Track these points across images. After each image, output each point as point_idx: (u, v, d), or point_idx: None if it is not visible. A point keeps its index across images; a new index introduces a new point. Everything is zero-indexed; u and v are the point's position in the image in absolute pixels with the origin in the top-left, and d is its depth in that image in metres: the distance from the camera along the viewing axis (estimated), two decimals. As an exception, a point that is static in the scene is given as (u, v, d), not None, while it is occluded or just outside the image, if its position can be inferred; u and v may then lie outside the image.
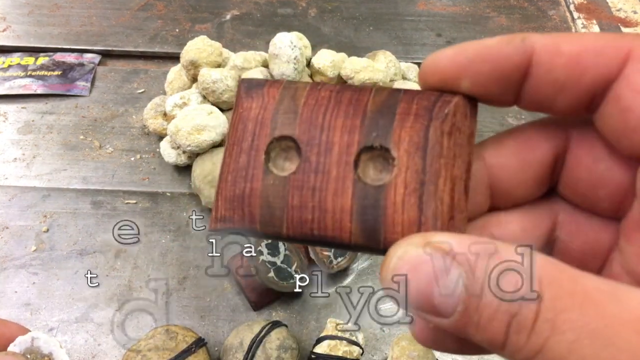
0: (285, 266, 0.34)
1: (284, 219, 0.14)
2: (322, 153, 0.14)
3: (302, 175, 0.14)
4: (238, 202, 0.14)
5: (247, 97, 0.15)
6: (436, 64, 0.13)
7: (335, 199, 0.14)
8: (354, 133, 0.14)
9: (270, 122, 0.14)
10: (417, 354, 0.30)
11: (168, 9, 0.55)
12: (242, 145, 0.15)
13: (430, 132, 0.13)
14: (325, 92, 0.15)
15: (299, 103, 0.14)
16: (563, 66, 0.12)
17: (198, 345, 0.30)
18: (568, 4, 0.58)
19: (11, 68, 0.48)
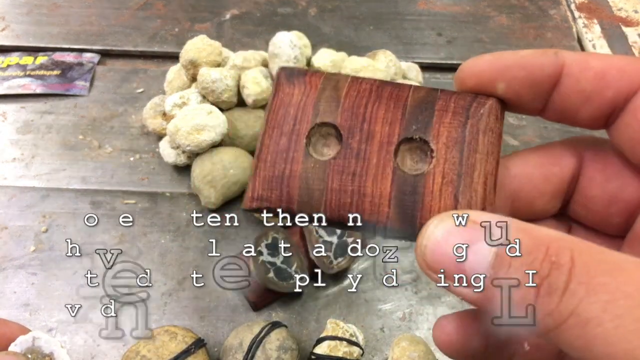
0: (285, 266, 0.34)
1: (322, 201, 0.15)
2: (363, 141, 0.15)
3: (343, 160, 0.15)
4: (277, 183, 0.15)
5: (289, 83, 0.16)
6: (475, 66, 0.15)
7: (375, 184, 0.14)
8: (395, 125, 0.15)
9: (312, 108, 0.15)
10: (418, 355, 0.30)
11: (167, 8, 0.55)
12: (282, 129, 0.15)
13: (467, 128, 0.15)
14: (367, 85, 0.15)
15: (340, 93, 0.15)
16: (590, 78, 0.14)
17: (198, 345, 0.30)
18: (569, 4, 0.58)
19: (10, 68, 0.48)
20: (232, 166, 0.38)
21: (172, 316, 0.34)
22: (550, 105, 0.15)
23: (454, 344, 0.15)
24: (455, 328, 0.15)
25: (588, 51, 0.15)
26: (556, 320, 0.11)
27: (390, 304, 0.35)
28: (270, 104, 0.16)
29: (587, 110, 0.14)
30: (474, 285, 0.12)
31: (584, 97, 0.14)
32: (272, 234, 0.35)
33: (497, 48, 0.53)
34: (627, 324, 0.10)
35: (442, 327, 0.15)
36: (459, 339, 0.15)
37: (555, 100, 0.14)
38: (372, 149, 0.15)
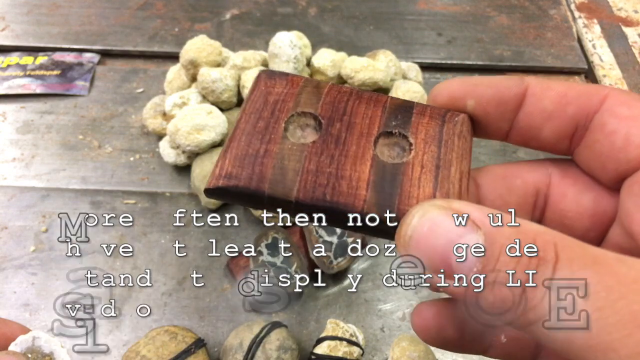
0: (285, 266, 0.34)
1: (296, 181, 0.14)
2: (343, 130, 0.15)
3: (322, 144, 0.15)
4: (249, 160, 0.14)
5: (270, 79, 0.16)
6: (447, 85, 0.16)
7: (353, 167, 0.14)
8: (375, 119, 0.15)
9: (293, 99, 0.15)
10: (418, 355, 0.30)
11: (167, 8, 0.55)
12: (261, 114, 0.15)
13: (444, 130, 0.15)
14: (346, 89, 0.16)
15: (322, 91, 0.16)
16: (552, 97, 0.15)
17: (198, 345, 0.30)
18: (569, 3, 0.58)
19: (10, 68, 0.48)
20: (232, 166, 0.38)
21: (172, 316, 0.34)
22: (515, 126, 0.15)
23: (430, 330, 0.15)
24: (432, 315, 0.16)
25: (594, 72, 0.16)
26: (538, 315, 0.11)
27: (390, 304, 0.35)
28: (248, 96, 0.16)
29: (550, 129, 0.15)
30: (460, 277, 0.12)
31: (546, 115, 0.15)
32: (272, 234, 0.35)
33: (497, 48, 0.53)
34: (607, 316, 0.10)
35: (420, 312, 0.16)
36: (435, 325, 0.15)
37: (519, 121, 0.15)
38: (352, 138, 0.15)
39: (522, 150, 0.45)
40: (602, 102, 0.14)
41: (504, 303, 0.11)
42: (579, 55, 0.53)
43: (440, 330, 0.15)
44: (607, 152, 0.14)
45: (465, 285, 0.12)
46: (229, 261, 0.36)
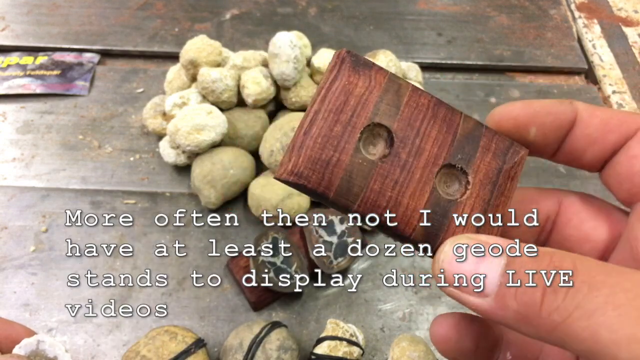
0: (285, 266, 0.34)
1: (359, 196, 0.15)
2: (412, 154, 0.16)
3: (390, 166, 0.16)
4: (321, 166, 0.15)
5: (354, 71, 0.16)
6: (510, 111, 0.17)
7: (412, 196, 0.16)
8: (444, 148, 0.16)
9: (373, 106, 0.16)
10: (418, 355, 0.30)
11: (167, 8, 0.55)
12: (339, 116, 0.16)
13: (502, 172, 0.16)
14: (425, 99, 0.16)
15: (402, 100, 0.16)
16: (596, 125, 0.16)
17: (198, 345, 0.30)
18: (569, 3, 0.58)
19: (10, 68, 0.48)
20: (232, 166, 0.38)
21: (172, 316, 0.34)
22: (562, 148, 0.17)
23: (449, 342, 0.17)
24: (451, 327, 0.17)
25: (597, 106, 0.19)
26: (562, 315, 0.12)
27: (390, 304, 0.35)
28: (327, 82, 0.16)
29: (592, 153, 0.17)
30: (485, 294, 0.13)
31: (591, 140, 0.16)
32: (272, 234, 0.35)
33: (497, 48, 0.53)
34: (628, 312, 0.11)
35: (439, 324, 0.17)
36: (454, 336, 0.16)
37: (567, 144, 0.17)
38: (418, 164, 0.16)
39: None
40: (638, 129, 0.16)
41: (530, 305, 0.12)
42: (579, 55, 0.53)
43: (459, 341, 0.17)
44: (625, 173, 0.16)
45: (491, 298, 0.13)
46: (229, 261, 0.36)
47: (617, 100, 0.48)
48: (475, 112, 0.47)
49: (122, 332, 0.33)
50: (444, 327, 0.17)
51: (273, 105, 0.42)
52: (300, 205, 0.37)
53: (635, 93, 0.49)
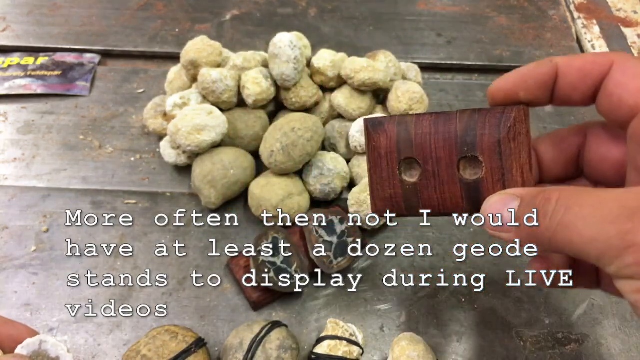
0: (285, 266, 0.34)
1: (419, 205, 0.23)
2: (434, 164, 0.22)
3: (425, 180, 0.23)
4: (388, 201, 0.24)
5: (376, 133, 0.24)
6: (500, 85, 0.22)
7: (449, 190, 0.22)
8: (453, 150, 0.22)
9: (395, 150, 0.23)
10: (417, 354, 0.30)
11: (168, 8, 0.55)
12: (381, 165, 0.24)
13: (501, 141, 0.21)
14: (426, 122, 0.23)
15: (411, 135, 0.23)
16: (575, 72, 0.20)
17: (198, 345, 0.30)
18: (568, 4, 0.58)
19: (11, 68, 0.48)
20: (233, 166, 0.38)
21: (173, 316, 0.34)
22: (554, 96, 0.21)
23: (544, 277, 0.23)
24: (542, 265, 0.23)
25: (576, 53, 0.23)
26: (551, 230, 0.17)
27: (390, 304, 0.35)
28: (367, 146, 0.24)
29: (578, 94, 0.21)
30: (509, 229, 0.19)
31: (573, 86, 0.21)
32: (272, 234, 0.35)
33: (496, 48, 0.53)
34: (591, 221, 0.16)
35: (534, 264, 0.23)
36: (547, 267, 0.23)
37: (556, 92, 0.21)
38: (441, 169, 0.22)
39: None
40: (609, 69, 0.20)
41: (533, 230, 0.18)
42: (578, 56, 0.53)
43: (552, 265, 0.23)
44: (609, 109, 0.20)
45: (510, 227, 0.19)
46: (229, 261, 0.36)
47: (616, 101, 0.49)
48: (474, 112, 0.47)
49: (123, 331, 0.34)
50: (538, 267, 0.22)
51: (273, 106, 0.43)
52: (300, 205, 0.37)
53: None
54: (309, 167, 0.39)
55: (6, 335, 0.24)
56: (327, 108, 0.42)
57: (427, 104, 0.41)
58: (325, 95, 0.42)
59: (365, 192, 0.37)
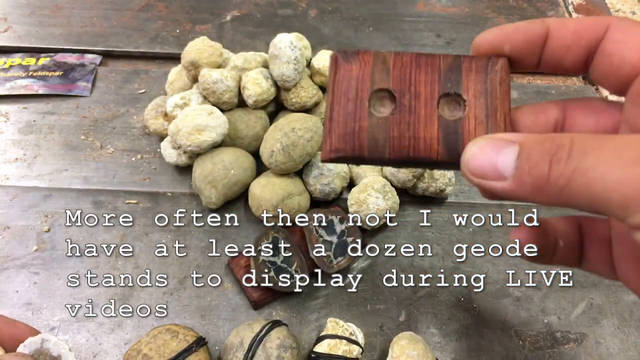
0: (285, 266, 0.34)
1: (386, 146, 0.20)
2: (412, 99, 0.20)
3: (399, 115, 0.20)
4: (349, 137, 0.20)
5: (346, 62, 0.21)
6: (486, 36, 0.20)
7: (425, 129, 0.20)
8: (434, 85, 0.20)
9: (369, 79, 0.20)
10: (417, 353, 0.30)
11: (168, 9, 0.55)
12: (348, 96, 0.20)
13: (488, 81, 0.20)
14: (407, 57, 0.21)
15: (389, 66, 0.20)
16: (568, 34, 0.19)
17: (199, 344, 0.30)
18: (567, 5, 0.59)
19: (12, 68, 0.48)
20: (233, 166, 0.38)
21: (174, 315, 0.35)
22: (543, 60, 0.20)
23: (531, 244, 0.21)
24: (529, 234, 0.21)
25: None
26: (565, 178, 0.15)
27: (390, 303, 0.36)
28: (332, 79, 0.21)
29: (570, 58, 0.19)
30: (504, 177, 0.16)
31: (566, 48, 0.19)
32: (273, 233, 0.35)
33: (496, 49, 0.53)
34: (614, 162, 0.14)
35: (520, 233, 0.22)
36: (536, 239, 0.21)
37: (546, 55, 0.20)
38: (419, 104, 0.20)
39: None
40: (606, 30, 0.18)
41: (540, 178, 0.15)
42: (577, 57, 0.53)
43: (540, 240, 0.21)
44: (609, 71, 0.18)
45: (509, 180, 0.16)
46: (229, 260, 0.36)
47: (615, 101, 0.49)
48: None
49: (124, 330, 0.34)
50: (524, 239, 0.21)
51: (273, 106, 0.43)
52: (300, 205, 0.37)
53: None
54: (309, 167, 0.39)
55: (8, 334, 0.24)
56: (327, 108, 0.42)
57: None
58: (325, 95, 0.43)
59: (365, 191, 0.37)
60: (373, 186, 0.37)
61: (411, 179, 0.38)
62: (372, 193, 0.37)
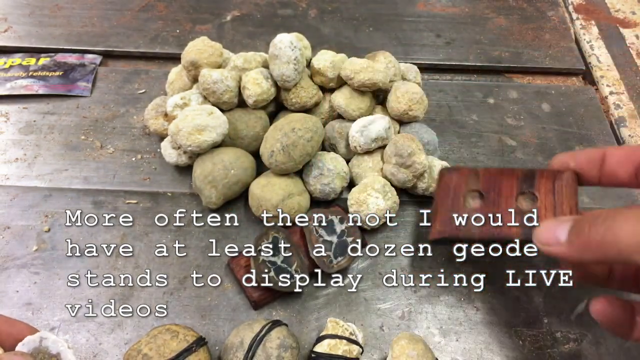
0: (286, 266, 0.34)
1: (476, 228, 0.29)
2: (496, 196, 0.29)
3: (486, 206, 0.29)
4: (448, 224, 0.30)
5: (450, 174, 0.32)
6: (558, 157, 0.29)
7: (506, 217, 0.28)
8: (513, 187, 0.28)
9: (464, 184, 0.30)
10: (417, 353, 0.30)
11: (169, 9, 0.56)
12: (449, 196, 0.30)
13: (555, 185, 0.28)
14: (493, 170, 0.30)
15: (479, 176, 0.30)
16: (620, 154, 0.26)
17: (199, 344, 0.30)
18: (567, 5, 0.59)
19: (12, 68, 0.48)
20: (233, 166, 0.38)
21: (174, 315, 0.35)
22: (602, 173, 0.27)
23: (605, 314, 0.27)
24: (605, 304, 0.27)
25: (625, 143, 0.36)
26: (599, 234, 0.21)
27: (390, 303, 0.36)
28: (438, 186, 0.32)
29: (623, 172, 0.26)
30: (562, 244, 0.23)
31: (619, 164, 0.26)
32: (273, 233, 0.35)
33: (495, 49, 0.53)
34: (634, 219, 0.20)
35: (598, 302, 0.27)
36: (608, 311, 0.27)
37: (604, 171, 0.27)
38: (501, 199, 0.28)
39: (519, 150, 0.45)
40: None
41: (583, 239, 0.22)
42: (577, 57, 0.53)
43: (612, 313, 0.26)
44: None
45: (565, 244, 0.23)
46: (229, 260, 0.36)
47: (614, 101, 0.49)
48: (473, 112, 0.48)
49: (124, 330, 0.34)
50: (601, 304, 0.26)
51: (273, 106, 0.43)
52: (300, 205, 0.37)
53: (633, 94, 0.50)
54: (309, 167, 0.39)
55: (6, 333, 0.24)
56: (327, 108, 0.42)
57: (426, 104, 0.41)
58: (325, 95, 0.43)
59: (365, 191, 0.37)
60: (373, 186, 0.37)
61: (411, 179, 0.38)
62: (372, 193, 0.37)
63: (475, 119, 0.47)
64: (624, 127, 0.47)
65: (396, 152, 0.37)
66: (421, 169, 0.38)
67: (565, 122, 0.47)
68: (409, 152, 0.37)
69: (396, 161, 0.38)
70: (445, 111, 0.48)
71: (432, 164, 0.39)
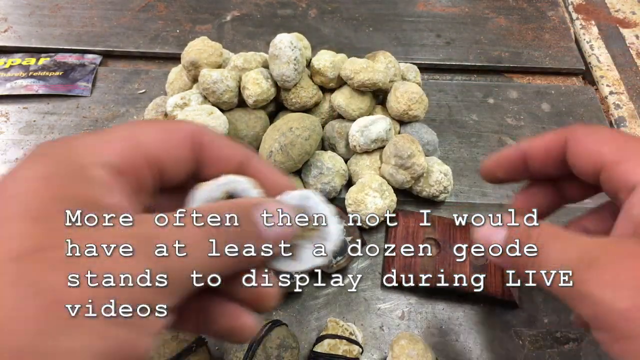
0: (286, 266, 0.34)
1: (435, 277, 0.34)
2: (451, 246, 0.34)
3: (442, 257, 0.34)
4: (406, 270, 0.34)
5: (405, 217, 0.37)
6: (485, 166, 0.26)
7: (460, 268, 0.34)
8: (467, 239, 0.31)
9: (422, 231, 0.36)
10: (417, 353, 0.30)
11: (169, 9, 0.56)
12: (407, 240, 0.35)
13: None
14: (447, 221, 0.36)
15: (435, 224, 0.36)
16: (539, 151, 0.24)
17: (199, 344, 0.30)
18: (567, 5, 0.59)
19: (13, 68, 0.48)
20: (233, 166, 0.38)
21: (174, 315, 0.35)
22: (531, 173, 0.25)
23: None
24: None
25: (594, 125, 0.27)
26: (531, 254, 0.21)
27: (389, 303, 0.36)
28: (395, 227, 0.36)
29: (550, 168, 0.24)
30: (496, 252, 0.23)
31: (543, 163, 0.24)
32: (273, 233, 0.35)
33: (495, 49, 0.53)
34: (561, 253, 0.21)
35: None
36: None
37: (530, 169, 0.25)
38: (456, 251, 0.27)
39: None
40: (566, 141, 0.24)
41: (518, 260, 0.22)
42: (577, 57, 0.53)
43: None
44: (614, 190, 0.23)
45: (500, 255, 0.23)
46: (229, 260, 0.36)
47: (614, 101, 0.49)
48: (473, 112, 0.48)
49: (124, 330, 0.34)
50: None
51: (273, 106, 0.43)
52: (300, 205, 0.37)
53: (633, 94, 0.50)
54: (308, 167, 0.39)
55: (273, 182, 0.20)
56: (327, 108, 0.42)
57: (426, 104, 0.41)
58: (325, 95, 0.43)
59: (363, 191, 0.37)
60: (370, 185, 0.37)
61: (409, 180, 0.38)
62: (369, 192, 0.37)
63: (475, 119, 0.47)
64: (624, 127, 0.47)
65: (396, 152, 0.37)
66: (420, 171, 0.38)
67: (565, 122, 0.47)
68: (409, 153, 0.37)
69: (395, 162, 0.38)
70: (445, 111, 0.48)
71: (432, 169, 0.39)
